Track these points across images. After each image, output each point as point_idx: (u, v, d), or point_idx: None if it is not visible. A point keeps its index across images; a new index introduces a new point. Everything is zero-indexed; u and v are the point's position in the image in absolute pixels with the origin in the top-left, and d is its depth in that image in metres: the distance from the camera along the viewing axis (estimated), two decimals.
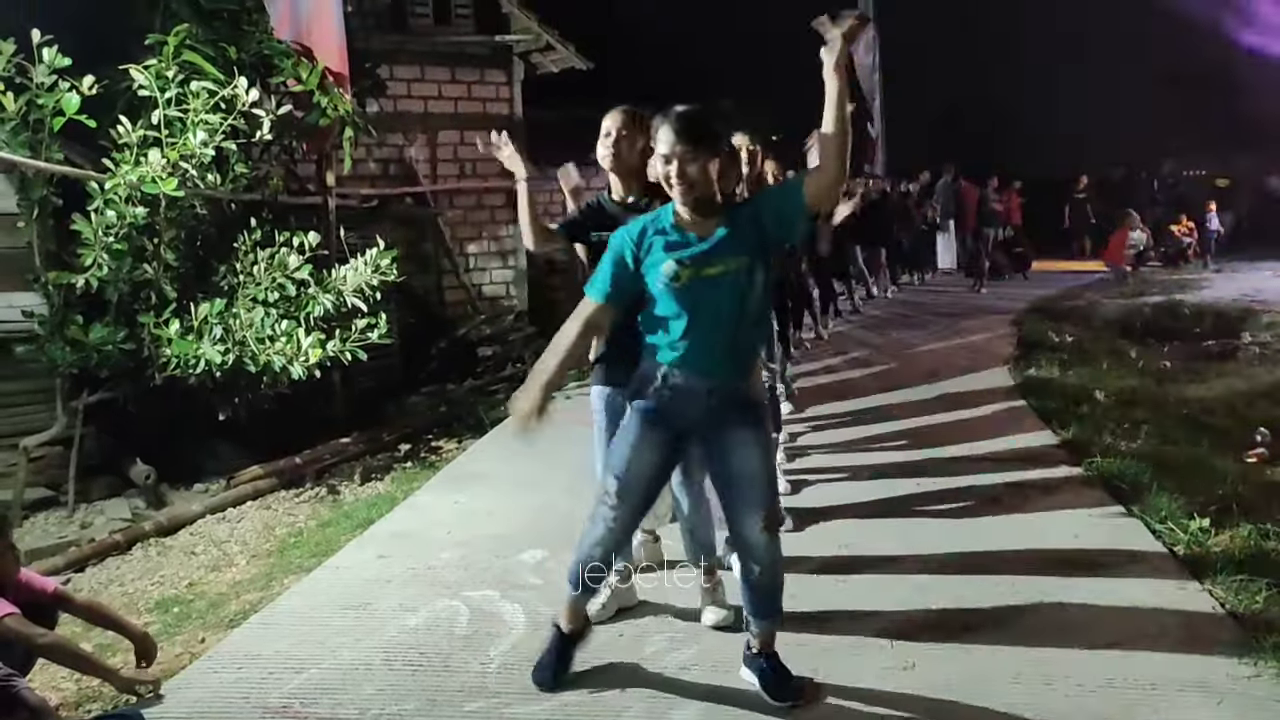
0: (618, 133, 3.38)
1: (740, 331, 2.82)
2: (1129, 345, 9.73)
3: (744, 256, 2.74)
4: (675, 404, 2.85)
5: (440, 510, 4.99)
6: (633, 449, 2.89)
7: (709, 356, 2.81)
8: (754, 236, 2.76)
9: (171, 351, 5.27)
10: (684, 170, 2.69)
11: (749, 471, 2.87)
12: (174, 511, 5.46)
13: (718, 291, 2.74)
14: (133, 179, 5.03)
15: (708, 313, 2.76)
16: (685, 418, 2.87)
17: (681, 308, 2.77)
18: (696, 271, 2.73)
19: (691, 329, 2.78)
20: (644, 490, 2.95)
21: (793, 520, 4.43)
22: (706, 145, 2.72)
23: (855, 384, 7.84)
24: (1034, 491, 4.84)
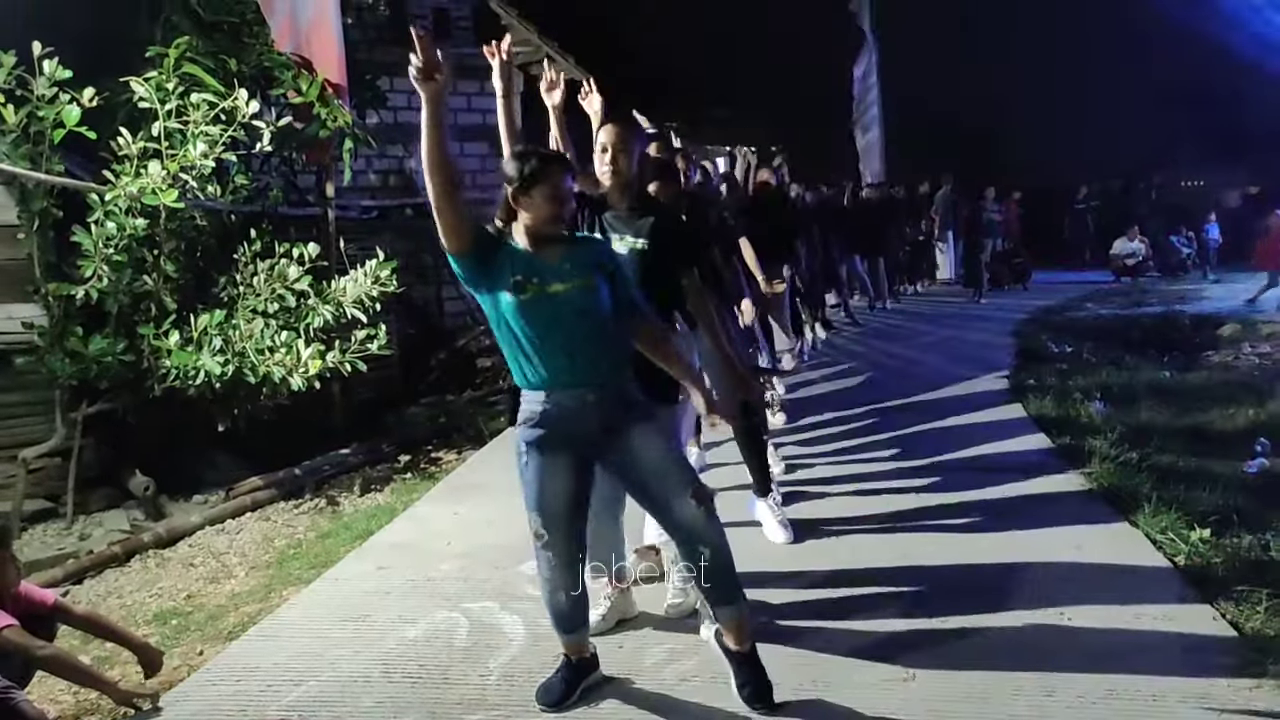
0: (614, 148, 3.41)
1: (601, 339, 2.87)
2: (1129, 355, 9.73)
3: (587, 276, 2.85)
4: (563, 423, 2.88)
5: (440, 521, 4.99)
6: (541, 481, 2.92)
7: (575, 368, 2.85)
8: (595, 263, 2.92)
9: (171, 363, 5.27)
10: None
11: (658, 460, 2.91)
12: (173, 523, 5.45)
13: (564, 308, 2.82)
14: (133, 190, 5.05)
15: (560, 327, 2.82)
16: (577, 432, 2.89)
17: (535, 325, 2.81)
18: (540, 289, 2.79)
19: (549, 346, 2.83)
20: (567, 517, 2.95)
21: (793, 531, 4.44)
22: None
23: (852, 394, 7.83)
24: (1033, 502, 4.83)
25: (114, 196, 5.09)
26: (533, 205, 2.81)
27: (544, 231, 2.84)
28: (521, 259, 2.83)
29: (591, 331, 2.84)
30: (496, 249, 2.85)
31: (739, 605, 2.99)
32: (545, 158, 2.89)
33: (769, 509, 4.52)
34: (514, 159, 2.89)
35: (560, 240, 2.91)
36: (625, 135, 3.45)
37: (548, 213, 2.82)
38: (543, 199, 2.80)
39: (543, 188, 2.80)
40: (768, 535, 4.45)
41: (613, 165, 3.40)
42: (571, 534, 2.97)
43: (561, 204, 2.83)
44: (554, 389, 2.86)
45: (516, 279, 2.78)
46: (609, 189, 3.48)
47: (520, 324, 2.81)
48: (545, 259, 2.84)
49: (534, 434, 2.89)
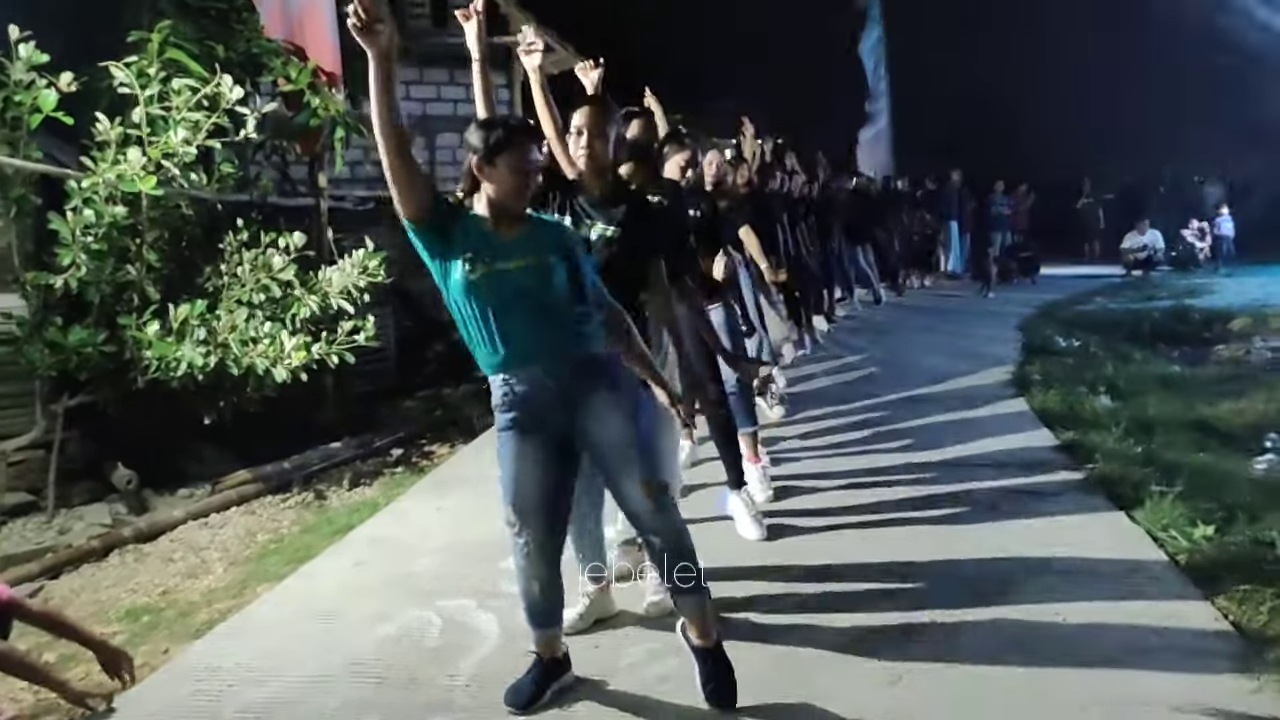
0: (590, 130, 3.29)
1: (551, 317, 2.76)
2: (1136, 349, 9.57)
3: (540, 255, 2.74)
4: (529, 403, 2.77)
5: (422, 516, 4.88)
6: (514, 467, 2.81)
7: (527, 347, 2.74)
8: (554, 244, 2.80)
9: (151, 354, 5.16)
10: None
11: (613, 436, 2.79)
12: (154, 517, 5.35)
13: (511, 287, 2.71)
14: (111, 177, 4.94)
15: (515, 306, 2.71)
16: (545, 413, 2.79)
17: (488, 304, 2.70)
18: (491, 267, 2.67)
19: (504, 325, 2.71)
20: (544, 506, 2.85)
21: (767, 529, 4.31)
22: None
23: (853, 388, 7.69)
24: (1033, 497, 4.69)
25: (92, 184, 4.98)
26: (497, 177, 2.69)
27: (507, 206, 2.73)
28: (478, 234, 2.72)
29: (541, 311, 2.73)
30: (455, 219, 2.73)
31: (701, 596, 2.87)
32: (513, 127, 2.77)
33: (742, 504, 4.38)
34: (479, 127, 2.77)
35: (522, 219, 2.79)
36: (601, 118, 3.33)
37: (512, 185, 2.70)
38: (508, 171, 2.68)
39: (508, 158, 2.68)
40: (740, 531, 4.33)
41: (588, 149, 3.30)
42: (548, 523, 2.86)
43: (527, 177, 2.71)
44: (508, 369, 2.75)
45: (469, 255, 2.67)
46: (584, 173, 3.36)
47: (468, 302, 2.70)
48: (502, 235, 2.73)
49: (506, 417, 2.80)
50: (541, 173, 2.81)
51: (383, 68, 2.48)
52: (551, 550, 2.90)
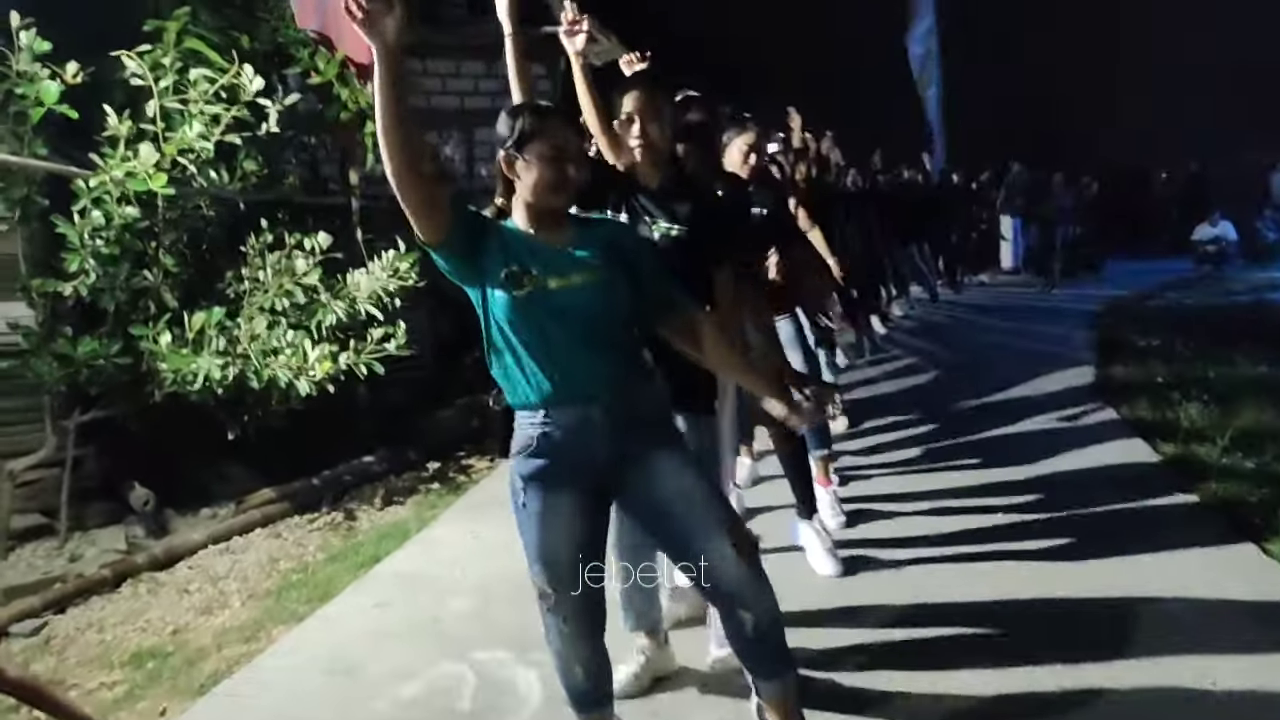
0: (642, 115, 2.81)
1: (610, 344, 2.29)
2: (1222, 350, 8.89)
3: (598, 268, 2.27)
4: (567, 449, 2.28)
5: (456, 544, 4.44)
6: (545, 529, 2.32)
7: (576, 379, 2.26)
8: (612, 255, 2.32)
9: (166, 366, 4.77)
10: None
11: (683, 492, 2.31)
12: (172, 542, 4.96)
13: (566, 308, 2.23)
14: (119, 175, 4.55)
15: (564, 329, 2.23)
16: (585, 462, 2.30)
17: (531, 325, 2.23)
18: (539, 282, 2.21)
19: (550, 351, 2.24)
20: (580, 570, 2.35)
21: (843, 563, 3.81)
22: None
23: (918, 396, 7.15)
24: (1144, 523, 4.16)
25: (100, 183, 4.60)
26: (529, 170, 2.23)
27: (545, 205, 2.26)
28: (518, 245, 2.25)
29: (599, 336, 2.26)
30: (487, 234, 2.26)
31: (785, 680, 2.40)
32: (543, 110, 2.31)
33: (815, 535, 3.89)
34: (506, 114, 2.31)
35: (568, 221, 2.33)
36: (654, 99, 2.84)
37: (548, 178, 2.23)
38: (540, 161, 2.22)
39: (539, 146, 2.23)
40: (813, 565, 3.84)
41: (642, 135, 2.82)
42: (587, 593, 2.37)
43: (564, 167, 2.24)
44: (551, 406, 2.27)
45: (511, 270, 2.20)
46: (639, 164, 2.87)
47: (512, 327, 2.23)
48: (548, 244, 2.27)
49: (532, 465, 2.31)
50: (586, 164, 2.33)
51: (388, 64, 2.02)
52: (592, 624, 2.42)
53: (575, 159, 2.27)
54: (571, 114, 2.44)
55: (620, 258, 2.31)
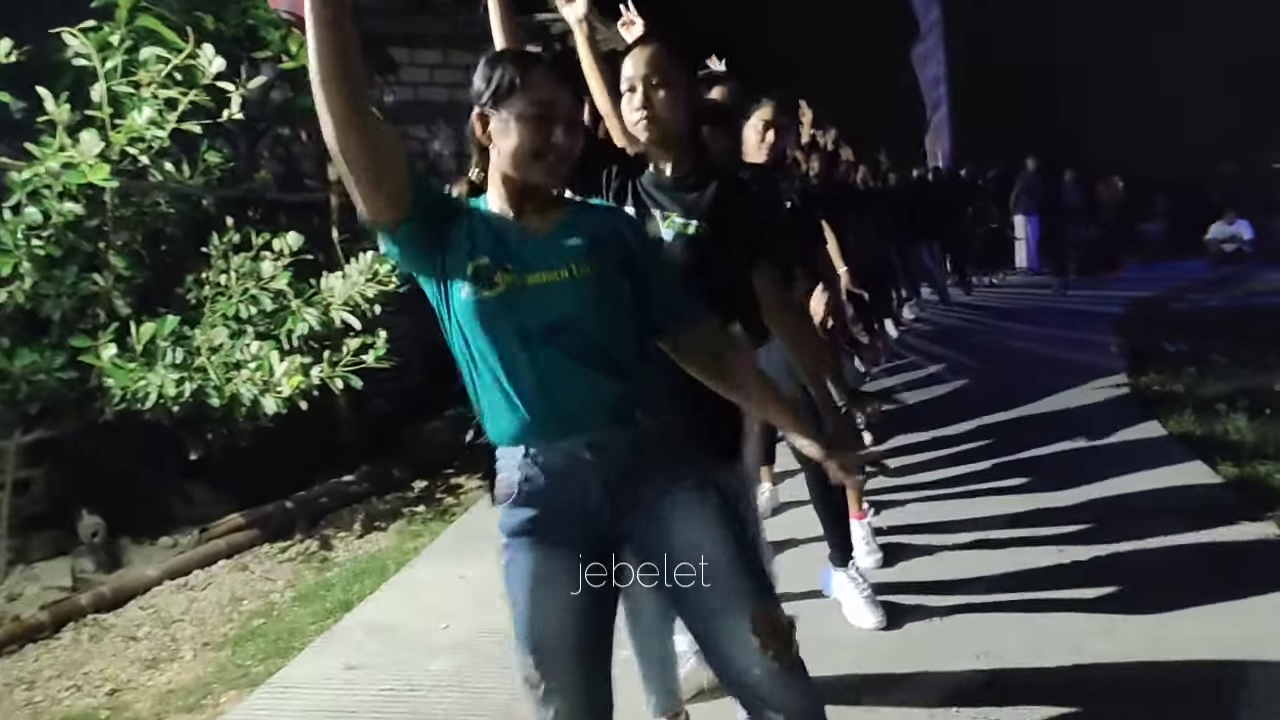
0: (646, 81, 2.20)
1: (610, 359, 1.76)
2: (1256, 354, 8.39)
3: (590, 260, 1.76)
4: (559, 496, 1.76)
5: (440, 588, 3.91)
6: (532, 598, 1.76)
7: (567, 408, 1.74)
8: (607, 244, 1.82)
9: (114, 381, 4.25)
10: None
11: (705, 549, 1.76)
12: (123, 578, 4.44)
13: (549, 310, 1.72)
14: (55, 166, 4.02)
15: (546, 340, 1.71)
16: (581, 512, 1.78)
17: (505, 334, 1.71)
18: (514, 278, 1.70)
19: (530, 368, 1.72)
20: (581, 656, 1.79)
21: (885, 613, 3.30)
22: None
23: (944, 406, 6.65)
24: (1225, 561, 3.65)
25: (32, 174, 4.07)
26: (506, 133, 1.73)
27: (525, 178, 1.75)
28: (489, 232, 1.74)
29: (591, 348, 1.73)
30: (452, 217, 1.75)
31: None
32: (526, 58, 1.79)
33: (851, 584, 3.37)
34: (483, 63, 1.79)
35: (555, 204, 1.82)
36: (664, 62, 2.22)
37: (528, 144, 1.72)
38: (520, 122, 1.71)
39: (520, 102, 1.72)
40: (849, 618, 3.33)
41: (646, 108, 2.20)
42: (586, 680, 1.80)
43: (549, 129, 1.72)
44: (534, 442, 1.75)
45: (479, 264, 1.70)
46: (647, 144, 2.29)
47: (482, 337, 1.71)
48: (528, 231, 1.76)
49: (516, 518, 1.78)
50: (579, 130, 1.80)
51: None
52: (598, 712, 1.85)
53: (566, 121, 1.75)
54: (565, 68, 1.89)
55: (620, 253, 1.80)
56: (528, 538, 1.78)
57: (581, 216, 1.83)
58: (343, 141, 1.54)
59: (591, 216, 1.84)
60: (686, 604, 1.79)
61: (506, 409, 1.74)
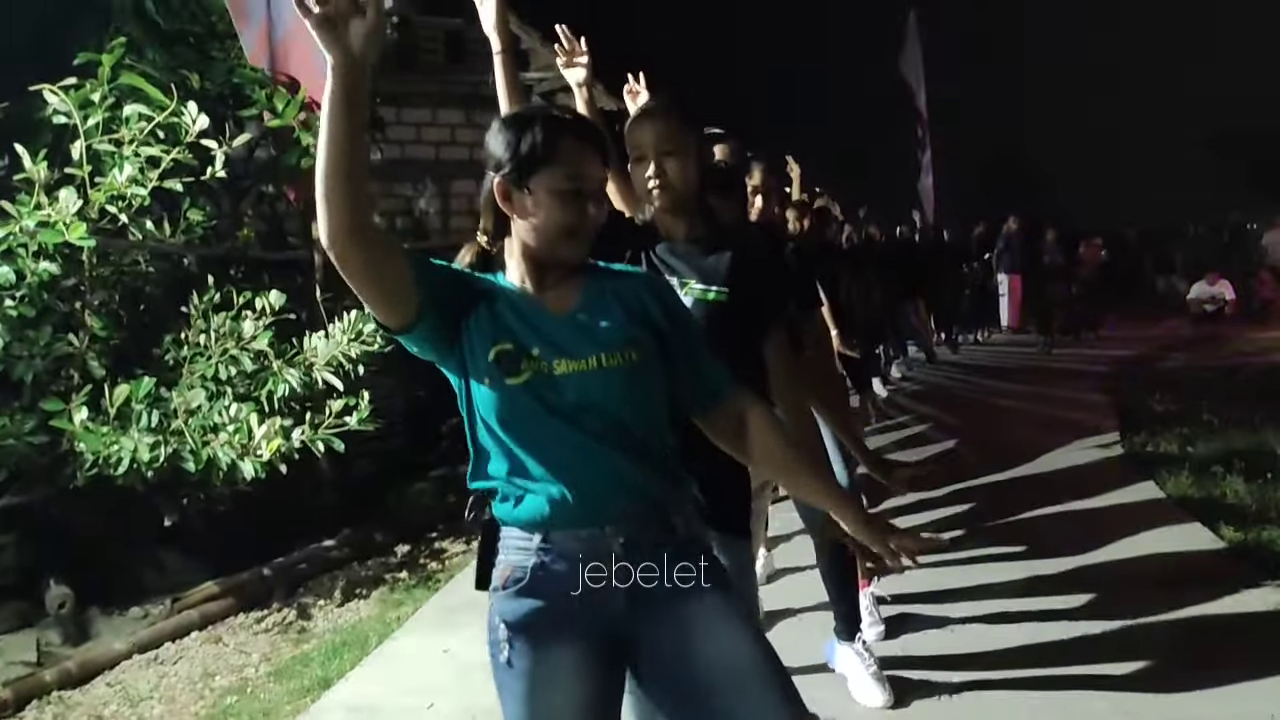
0: (658, 149, 2.15)
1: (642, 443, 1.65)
2: (1246, 414, 8.36)
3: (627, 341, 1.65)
4: (569, 588, 1.64)
5: (424, 662, 3.73)
6: (535, 698, 1.63)
7: (593, 494, 1.62)
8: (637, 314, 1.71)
9: (85, 446, 4.10)
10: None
11: (735, 655, 1.62)
12: (90, 653, 4.25)
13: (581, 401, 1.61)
14: (30, 225, 3.91)
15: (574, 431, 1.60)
16: (597, 605, 1.65)
17: (529, 425, 1.60)
18: (542, 367, 1.60)
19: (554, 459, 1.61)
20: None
21: (890, 691, 3.16)
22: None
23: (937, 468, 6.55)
24: (1236, 632, 3.54)
25: (7, 234, 3.96)
26: (536, 208, 1.61)
27: (555, 256, 1.65)
28: (511, 312, 1.63)
29: (622, 436, 1.62)
30: (467, 300, 1.64)
31: None
32: (557, 121, 1.66)
33: (857, 659, 3.24)
34: (505, 127, 1.66)
35: (580, 273, 1.70)
36: (674, 130, 2.17)
37: (561, 220, 1.61)
38: (553, 197, 1.60)
39: (553, 174, 1.60)
40: (855, 695, 3.19)
41: (659, 176, 2.15)
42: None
43: (584, 205, 1.62)
44: (553, 529, 1.63)
45: (502, 349, 1.59)
46: (658, 212, 2.23)
47: (504, 425, 1.60)
48: (552, 310, 1.65)
49: (522, 607, 1.65)
50: (606, 200, 1.70)
51: (346, 84, 1.41)
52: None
53: (597, 194, 1.65)
54: (594, 125, 1.79)
55: (650, 328, 1.68)
56: (532, 631, 1.64)
57: (604, 286, 1.71)
58: (338, 245, 1.46)
59: (614, 286, 1.72)
60: (711, 708, 1.63)
61: (527, 493, 1.63)
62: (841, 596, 3.24)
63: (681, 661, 1.64)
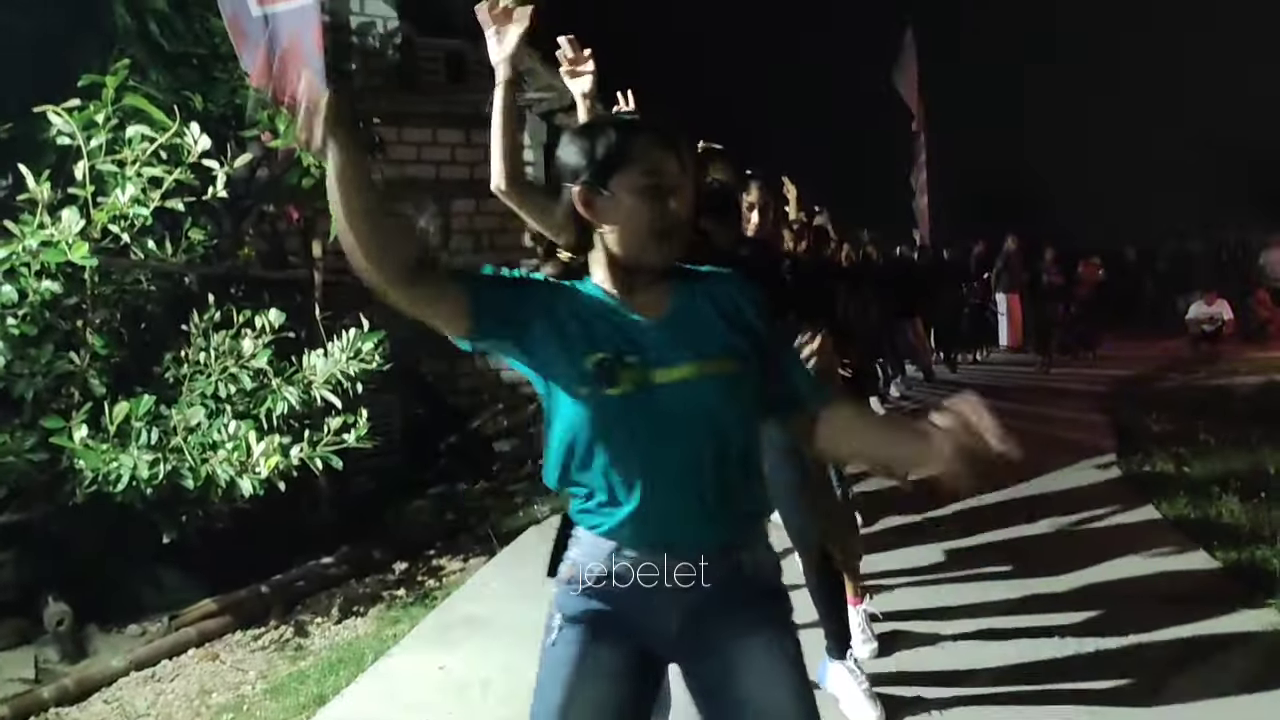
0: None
1: (735, 467, 1.65)
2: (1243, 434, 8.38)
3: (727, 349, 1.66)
4: (632, 600, 1.66)
5: (419, 679, 3.75)
6: (572, 685, 1.65)
7: (680, 517, 1.63)
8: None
9: (85, 464, 4.13)
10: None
11: (773, 703, 1.64)
12: (87, 670, 4.26)
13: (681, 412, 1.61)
14: (33, 245, 3.96)
15: (669, 444, 1.61)
16: (651, 623, 1.68)
17: (624, 436, 1.61)
18: (642, 375, 1.58)
19: (645, 472, 1.61)
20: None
21: (882, 708, 3.17)
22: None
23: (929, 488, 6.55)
24: (1222, 650, 3.56)
25: (10, 253, 4.00)
26: (619, 209, 1.62)
27: (644, 259, 1.64)
28: (605, 321, 1.63)
29: (722, 450, 1.63)
30: (544, 306, 1.64)
31: None
32: (628, 123, 1.68)
33: (849, 676, 3.25)
34: (577, 136, 1.67)
35: (669, 277, 1.69)
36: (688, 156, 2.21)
37: (649, 219, 1.61)
38: (637, 195, 1.61)
39: (634, 174, 1.61)
40: (847, 712, 3.20)
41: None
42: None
43: (668, 202, 1.62)
44: (632, 543, 1.65)
45: (601, 359, 1.59)
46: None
47: (598, 436, 1.61)
48: (643, 315, 1.65)
49: (580, 605, 1.69)
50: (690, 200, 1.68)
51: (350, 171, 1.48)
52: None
53: (679, 190, 1.64)
54: (663, 125, 1.74)
55: (746, 329, 1.68)
56: (584, 626, 1.68)
57: (695, 289, 1.70)
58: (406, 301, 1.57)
59: (705, 289, 1.71)
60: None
61: (610, 502, 1.64)
62: (830, 615, 3.26)
63: (720, 700, 1.67)
